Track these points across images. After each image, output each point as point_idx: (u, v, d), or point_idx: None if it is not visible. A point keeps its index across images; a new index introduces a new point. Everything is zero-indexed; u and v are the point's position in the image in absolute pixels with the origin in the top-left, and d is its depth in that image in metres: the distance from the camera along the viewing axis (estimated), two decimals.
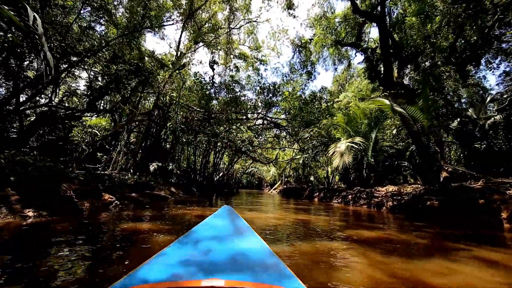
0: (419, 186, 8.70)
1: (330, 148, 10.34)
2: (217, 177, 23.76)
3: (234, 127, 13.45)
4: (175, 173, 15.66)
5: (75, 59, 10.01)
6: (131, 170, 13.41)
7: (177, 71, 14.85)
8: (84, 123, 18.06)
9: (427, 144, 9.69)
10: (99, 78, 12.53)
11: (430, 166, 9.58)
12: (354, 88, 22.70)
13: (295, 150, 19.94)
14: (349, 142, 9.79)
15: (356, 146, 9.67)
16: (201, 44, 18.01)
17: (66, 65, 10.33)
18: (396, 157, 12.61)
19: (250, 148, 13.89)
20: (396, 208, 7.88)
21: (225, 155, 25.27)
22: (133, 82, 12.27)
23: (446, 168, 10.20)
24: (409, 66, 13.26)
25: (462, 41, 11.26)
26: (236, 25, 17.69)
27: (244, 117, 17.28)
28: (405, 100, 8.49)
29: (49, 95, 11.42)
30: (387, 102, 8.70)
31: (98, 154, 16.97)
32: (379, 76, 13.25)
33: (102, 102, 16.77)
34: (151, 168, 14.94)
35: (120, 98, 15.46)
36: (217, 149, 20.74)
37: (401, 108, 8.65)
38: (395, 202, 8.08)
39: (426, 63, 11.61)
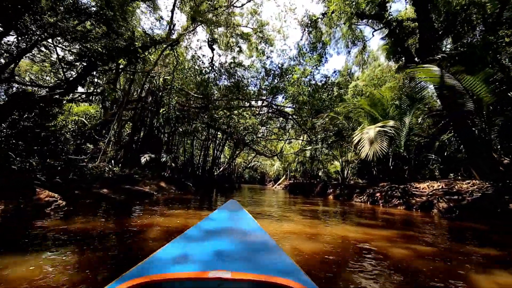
0: (477, 182, 6.41)
1: (355, 135, 8.05)
2: (218, 171, 21.60)
3: (235, 112, 11.18)
4: (169, 166, 13.45)
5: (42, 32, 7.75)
6: (112, 162, 11.20)
7: (170, 49, 12.55)
8: (71, 110, 15.81)
9: (481, 128, 7.39)
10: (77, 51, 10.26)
11: (481, 157, 7.29)
12: (366, 77, 20.30)
13: (303, 142, 17.63)
14: (380, 127, 7.49)
15: (391, 131, 7.38)
16: (199, 24, 15.63)
17: (37, 37, 8.09)
18: (422, 149, 10.32)
19: (254, 136, 11.64)
20: (453, 212, 5.61)
21: (226, 148, 23.03)
22: (119, 56, 9.99)
23: (501, 160, 7.90)
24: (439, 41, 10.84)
25: None
26: (237, 1, 15.28)
27: (247, 104, 15.00)
28: (464, 67, 6.17)
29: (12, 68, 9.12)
30: (435, 70, 6.38)
31: (87, 144, 14.73)
32: (407, 52, 10.89)
33: (86, 83, 14.40)
34: (142, 160, 12.73)
35: (105, 79, 13.23)
36: (217, 141, 18.50)
37: (455, 79, 6.33)
38: (451, 203, 5.79)
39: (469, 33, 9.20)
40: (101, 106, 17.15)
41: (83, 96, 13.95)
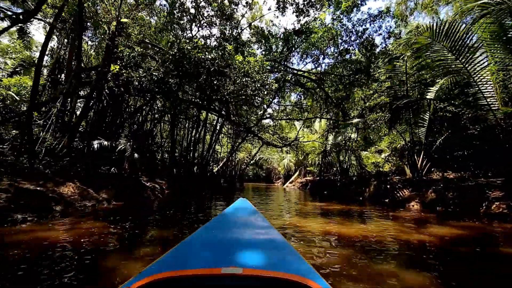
0: None
1: None
2: (217, 168, 16.13)
3: (230, 47, 5.64)
4: (128, 157, 7.88)
5: None
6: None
7: None
8: None
9: None
10: None
11: None
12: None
13: (329, 123, 11.90)
14: None
15: None
16: None
17: None
18: None
19: (262, 90, 6.04)
20: None
21: (224, 140, 17.46)
22: None
23: None
24: None
25: None
26: None
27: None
28: None
29: None
30: None
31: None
32: None
33: None
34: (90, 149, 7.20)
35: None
36: (209, 126, 12.97)
37: None
38: None
39: None
40: (49, 79, 11.39)
41: None
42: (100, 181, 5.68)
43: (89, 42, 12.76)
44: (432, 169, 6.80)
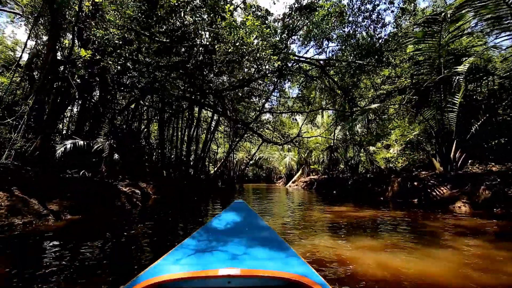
0: None
1: None
2: (215, 168, 14.90)
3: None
4: (106, 157, 6.59)
5: None
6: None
7: None
8: None
9: None
10: None
11: None
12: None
13: (336, 117, 10.65)
14: None
15: None
16: None
17: None
18: None
19: (264, 64, 4.76)
20: None
21: (221, 140, 16.21)
22: None
23: None
24: None
25: None
26: None
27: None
28: None
29: None
30: None
31: None
32: None
33: None
34: (59, 149, 5.81)
35: None
36: (203, 124, 11.71)
37: None
38: None
39: None
40: (24, 76, 10.03)
41: None
42: (65, 187, 4.43)
43: (70, 36, 11.41)
44: (469, 161, 5.58)
